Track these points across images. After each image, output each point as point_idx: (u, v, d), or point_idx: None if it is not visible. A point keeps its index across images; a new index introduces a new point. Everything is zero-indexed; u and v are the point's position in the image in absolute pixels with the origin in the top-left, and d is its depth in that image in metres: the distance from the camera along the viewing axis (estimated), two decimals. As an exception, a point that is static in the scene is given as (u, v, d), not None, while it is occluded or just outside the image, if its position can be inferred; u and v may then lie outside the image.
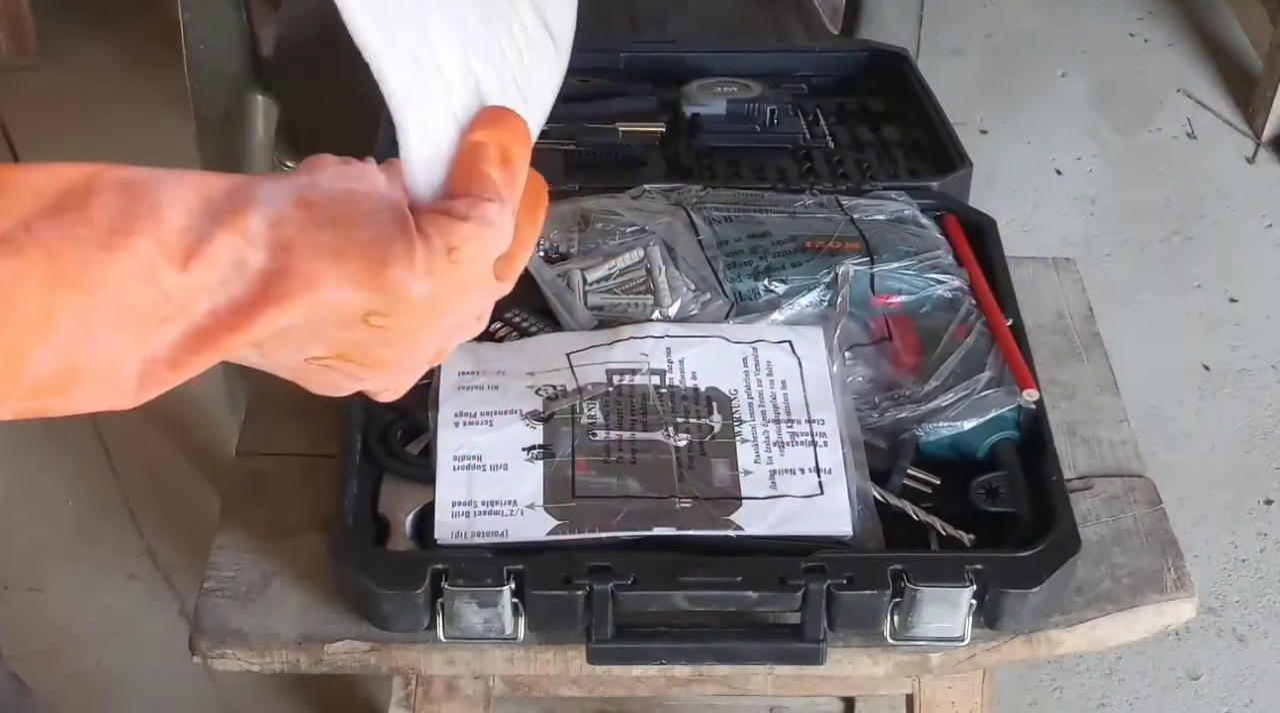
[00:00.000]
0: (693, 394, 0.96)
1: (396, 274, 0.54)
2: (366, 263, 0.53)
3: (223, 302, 0.52)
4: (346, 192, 0.55)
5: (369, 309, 0.54)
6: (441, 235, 0.55)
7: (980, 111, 2.50)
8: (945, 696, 1.14)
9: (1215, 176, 2.45)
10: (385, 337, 0.56)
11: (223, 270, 0.52)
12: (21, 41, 2.54)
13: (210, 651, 0.89)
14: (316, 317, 0.54)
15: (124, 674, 1.66)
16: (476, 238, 0.56)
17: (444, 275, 0.55)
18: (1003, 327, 1.02)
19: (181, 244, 0.51)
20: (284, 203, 0.53)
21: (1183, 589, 0.94)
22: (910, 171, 1.22)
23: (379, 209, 0.55)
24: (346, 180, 0.56)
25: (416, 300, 0.55)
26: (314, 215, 0.53)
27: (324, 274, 0.53)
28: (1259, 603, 1.81)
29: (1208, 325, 2.18)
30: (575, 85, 1.31)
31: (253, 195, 0.53)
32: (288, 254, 0.52)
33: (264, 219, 0.52)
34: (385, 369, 0.59)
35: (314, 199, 0.54)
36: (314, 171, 0.56)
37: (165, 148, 2.24)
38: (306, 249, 0.53)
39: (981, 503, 0.93)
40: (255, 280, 0.52)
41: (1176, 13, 2.80)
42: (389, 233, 0.54)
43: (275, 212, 0.53)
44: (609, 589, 0.85)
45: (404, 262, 0.54)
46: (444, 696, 1.07)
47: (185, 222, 0.51)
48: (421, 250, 0.54)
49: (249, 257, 0.52)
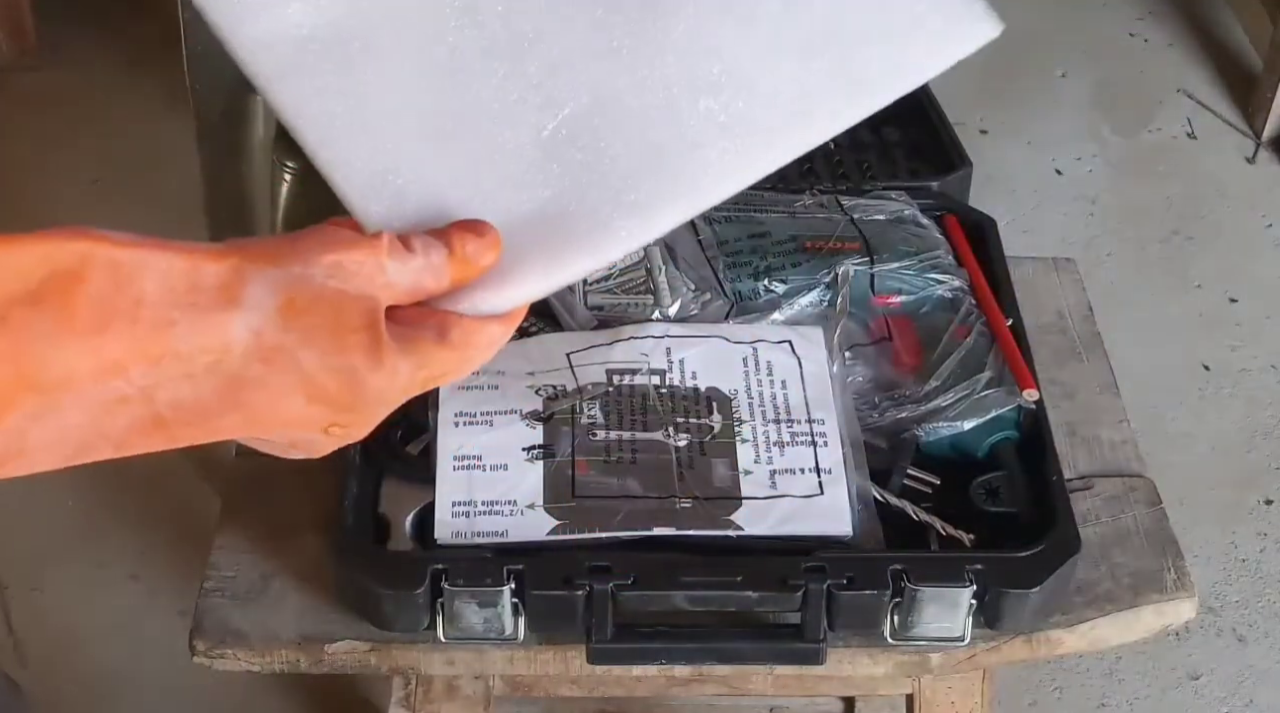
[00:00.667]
0: (693, 394, 0.96)
1: (366, 401, 0.53)
2: (339, 390, 0.53)
3: (187, 398, 0.51)
4: (336, 297, 0.53)
5: (331, 424, 0.54)
6: (419, 361, 0.54)
7: (980, 111, 2.50)
8: (945, 696, 1.14)
9: (1215, 177, 2.45)
10: (340, 437, 0.56)
11: (194, 368, 0.50)
12: (21, 41, 2.54)
13: (210, 651, 0.89)
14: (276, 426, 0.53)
15: (124, 674, 1.66)
16: (454, 367, 0.56)
17: (409, 393, 0.55)
18: (1003, 327, 1.02)
19: (157, 341, 0.50)
20: (270, 308, 0.51)
21: (1183, 589, 0.94)
22: (910, 172, 1.22)
23: (363, 326, 0.53)
24: (340, 278, 0.53)
25: (378, 412, 0.55)
26: (297, 328, 0.52)
27: (295, 394, 0.52)
28: (1259, 603, 1.81)
29: (1208, 325, 2.18)
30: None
31: (242, 295, 0.51)
32: (263, 367, 0.51)
33: (247, 327, 0.51)
34: (328, 451, 0.58)
35: (301, 305, 0.52)
36: (312, 258, 0.53)
37: (165, 148, 2.24)
38: (283, 366, 0.52)
39: (981, 503, 0.93)
40: (225, 386, 0.51)
41: (1176, 13, 2.80)
42: (367, 360, 0.53)
43: (260, 319, 0.51)
44: (609, 589, 0.85)
45: (376, 391, 0.53)
46: (444, 696, 1.07)
47: (167, 315, 0.50)
48: (397, 379, 0.54)
49: (224, 361, 0.51)
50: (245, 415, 0.52)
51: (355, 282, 0.53)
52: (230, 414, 0.52)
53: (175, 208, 2.15)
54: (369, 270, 0.54)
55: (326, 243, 0.54)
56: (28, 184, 2.33)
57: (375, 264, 0.54)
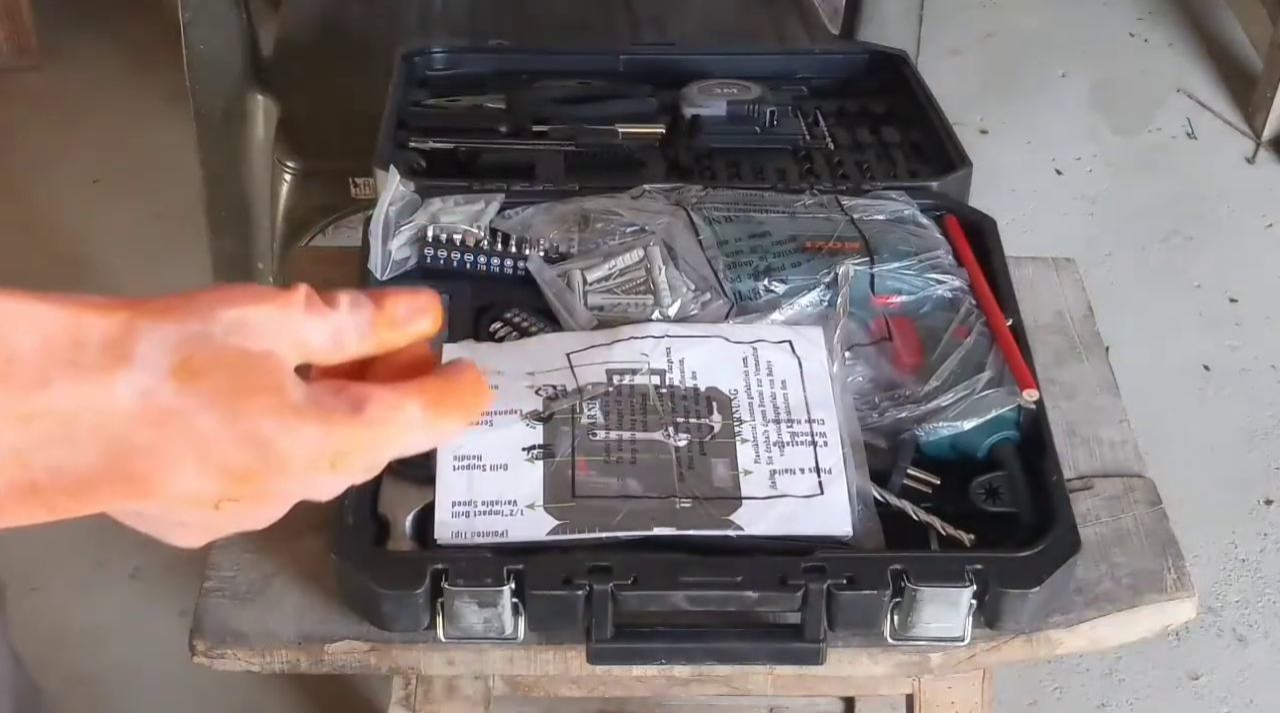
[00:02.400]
0: (693, 394, 0.96)
1: (267, 470, 0.49)
2: (238, 458, 0.48)
3: (65, 464, 0.46)
4: (238, 356, 0.49)
5: (223, 498, 0.49)
6: (328, 431, 0.50)
7: (980, 111, 2.51)
8: (945, 696, 1.14)
9: (1215, 177, 2.45)
10: (230, 515, 0.50)
11: (75, 432, 0.46)
12: (21, 41, 2.54)
13: (210, 651, 0.89)
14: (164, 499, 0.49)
15: (124, 674, 1.66)
16: (366, 445, 0.51)
17: (317, 475, 0.50)
18: (1003, 327, 1.02)
19: (29, 401, 0.45)
20: (163, 367, 0.47)
21: (1183, 589, 0.94)
22: (910, 172, 1.22)
23: (268, 387, 0.49)
24: (244, 335, 0.49)
25: (277, 494, 0.50)
26: (194, 389, 0.47)
27: (188, 463, 0.47)
28: (1259, 603, 1.81)
29: (1208, 325, 2.18)
30: (576, 88, 1.31)
31: (131, 352, 0.47)
32: (153, 432, 0.47)
33: (135, 388, 0.47)
34: (216, 533, 0.53)
35: (198, 366, 0.48)
36: (213, 314, 0.49)
37: (165, 148, 2.24)
38: (176, 431, 0.47)
39: (981, 503, 0.93)
40: (109, 453, 0.47)
41: (1176, 13, 2.80)
42: (272, 423, 0.48)
43: (150, 380, 0.47)
44: (609, 589, 0.85)
45: (279, 459, 0.49)
46: (444, 696, 1.07)
47: (42, 372, 0.46)
48: (303, 448, 0.49)
49: (109, 425, 0.46)
50: (130, 486, 0.47)
51: (261, 339, 0.49)
52: (114, 484, 0.47)
53: (175, 208, 2.16)
54: (277, 326, 0.50)
55: (229, 297, 0.50)
56: (28, 184, 2.33)
57: (284, 319, 0.50)
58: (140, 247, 2.20)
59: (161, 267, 2.14)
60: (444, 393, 0.53)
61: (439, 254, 1.06)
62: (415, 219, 1.07)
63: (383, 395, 0.51)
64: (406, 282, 1.06)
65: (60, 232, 2.25)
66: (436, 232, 1.06)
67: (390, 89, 1.25)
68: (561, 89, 1.31)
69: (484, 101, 1.28)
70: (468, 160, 1.21)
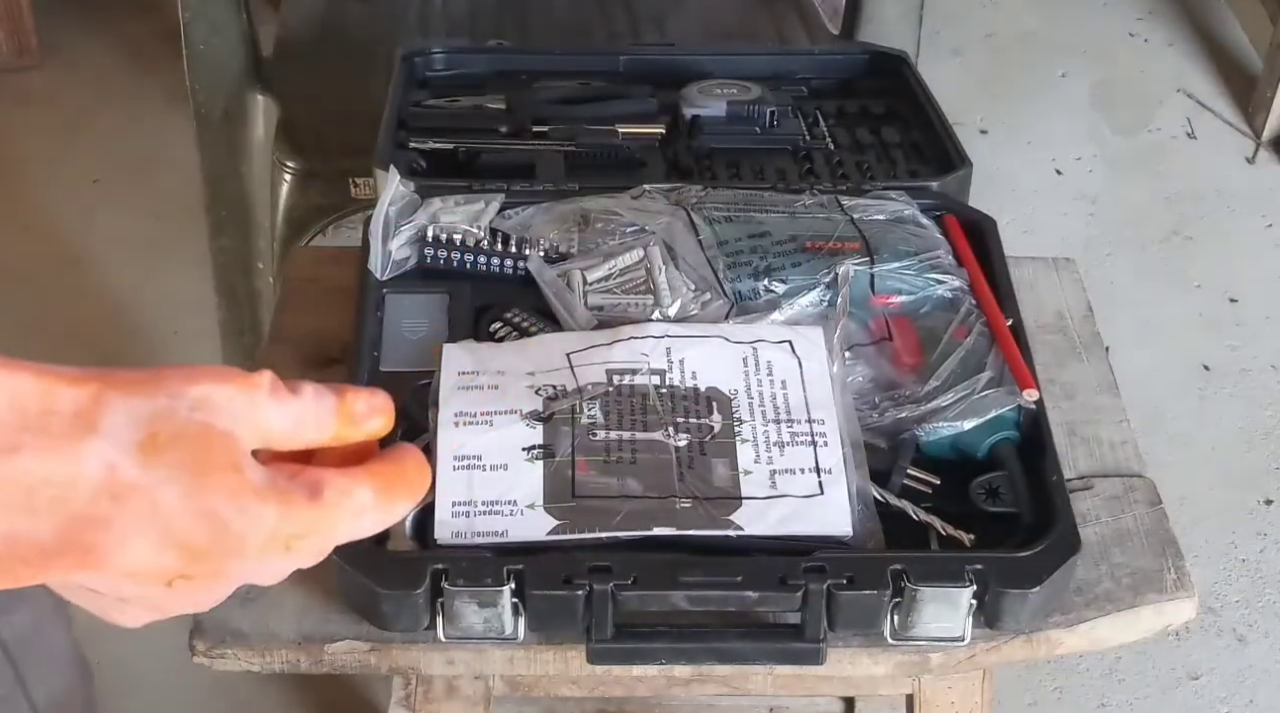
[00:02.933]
0: (693, 394, 0.96)
1: (223, 549, 0.49)
2: (195, 535, 0.49)
3: (23, 533, 0.46)
4: (201, 432, 0.49)
5: (177, 575, 0.50)
6: (286, 512, 0.50)
7: (980, 112, 2.51)
8: (945, 696, 1.14)
9: (1215, 177, 2.45)
10: (180, 594, 0.51)
11: (37, 501, 0.46)
12: (21, 41, 2.54)
13: (210, 651, 0.89)
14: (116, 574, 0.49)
15: (124, 674, 1.66)
16: (321, 528, 0.52)
17: (271, 557, 0.51)
18: (1003, 327, 1.02)
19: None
20: (129, 441, 0.48)
21: (1183, 589, 0.94)
22: (910, 172, 1.22)
23: (228, 466, 0.49)
24: (207, 411, 0.49)
25: (230, 573, 0.51)
26: (157, 464, 0.48)
27: (144, 537, 0.48)
28: (1259, 603, 1.81)
29: (1208, 325, 2.18)
30: (576, 88, 1.32)
31: (98, 423, 0.47)
32: (113, 505, 0.47)
33: (102, 459, 0.47)
34: (163, 613, 0.54)
35: (163, 440, 0.48)
36: (179, 389, 0.50)
37: (165, 148, 2.24)
38: (136, 506, 0.48)
39: (981, 503, 0.93)
40: (67, 524, 0.47)
41: (1176, 13, 2.80)
42: (230, 502, 0.49)
43: (116, 452, 0.47)
44: (609, 589, 0.85)
45: (236, 539, 0.49)
46: (444, 696, 1.07)
47: (13, 439, 0.46)
48: (259, 528, 0.50)
49: (70, 496, 0.47)
50: (85, 557, 0.47)
51: (223, 417, 0.50)
52: (69, 554, 0.47)
53: (175, 208, 2.16)
54: (239, 407, 0.50)
55: (196, 375, 0.50)
56: (28, 184, 2.33)
57: (247, 400, 0.51)
58: (140, 247, 2.20)
59: (161, 267, 2.14)
60: (393, 477, 0.55)
61: (439, 254, 1.06)
62: (415, 219, 1.07)
63: (337, 480, 0.53)
64: (406, 281, 1.07)
65: (60, 232, 2.25)
66: (436, 232, 1.06)
67: (390, 89, 1.25)
68: (561, 89, 1.31)
69: (484, 102, 1.28)
70: (468, 160, 1.21)
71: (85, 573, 0.49)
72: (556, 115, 1.26)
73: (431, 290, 1.06)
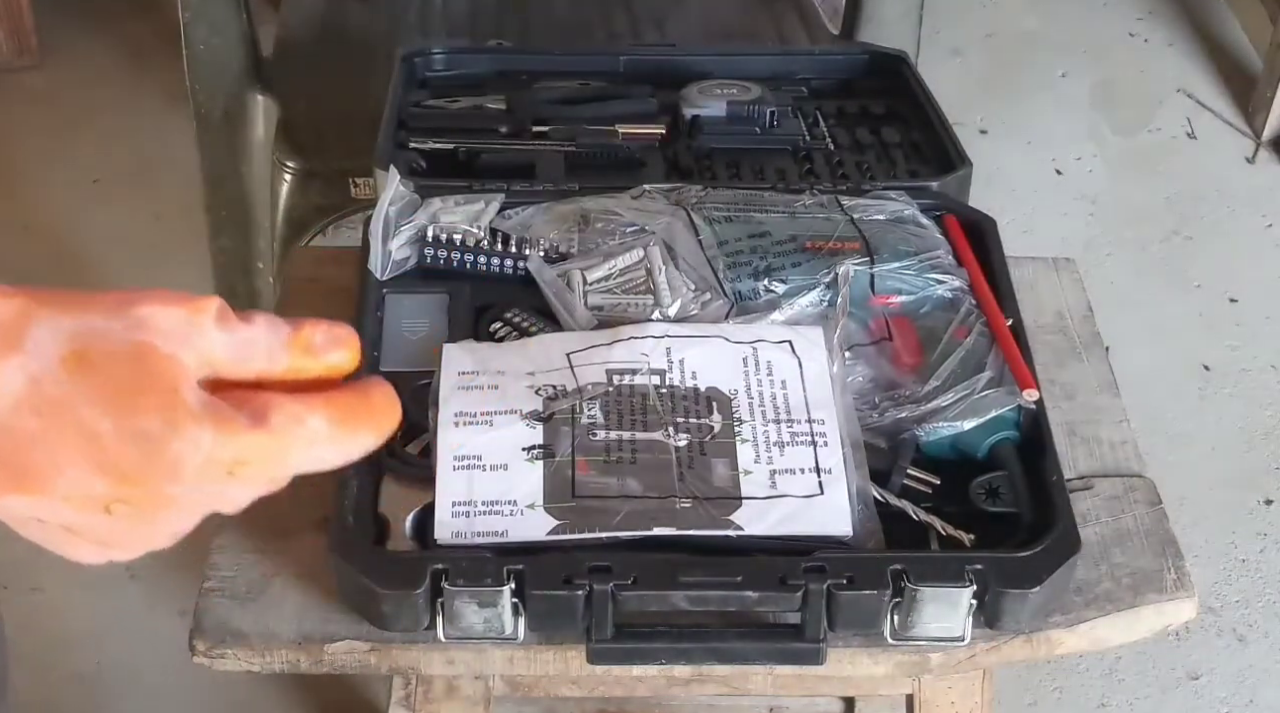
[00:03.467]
0: (693, 394, 0.96)
1: (157, 473, 0.48)
2: (126, 457, 0.47)
3: None
4: (136, 352, 0.48)
5: (115, 499, 0.48)
6: (226, 438, 0.49)
7: (980, 112, 2.51)
8: (945, 696, 1.14)
9: (1215, 177, 2.45)
10: (124, 522, 0.49)
11: None
12: (21, 41, 2.54)
13: (210, 651, 0.89)
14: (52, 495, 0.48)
15: (124, 674, 1.66)
16: (268, 456, 0.50)
17: (213, 483, 0.49)
18: (1003, 327, 1.02)
19: None
20: (53, 356, 0.46)
21: (1183, 589, 0.94)
22: (910, 172, 1.22)
23: (164, 388, 0.48)
24: (147, 333, 0.48)
25: (172, 501, 0.49)
26: (85, 381, 0.47)
27: (75, 457, 0.47)
28: (1259, 603, 1.81)
29: (1208, 325, 2.18)
30: (575, 88, 1.32)
31: (22, 339, 0.46)
32: (37, 421, 0.46)
33: (23, 374, 0.46)
34: (115, 546, 0.52)
35: (92, 358, 0.47)
36: (119, 310, 0.48)
37: (165, 148, 2.24)
38: (63, 423, 0.46)
39: (981, 503, 0.93)
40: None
41: (1176, 13, 2.80)
42: (163, 424, 0.47)
43: (40, 366, 0.46)
44: (609, 589, 0.85)
45: (170, 463, 0.47)
46: (444, 696, 1.07)
47: None
48: (196, 453, 0.48)
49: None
50: (16, 478, 0.47)
51: (164, 340, 0.48)
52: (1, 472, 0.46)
53: (175, 208, 2.16)
54: (183, 330, 0.49)
55: (139, 296, 0.49)
56: (28, 184, 2.33)
57: (192, 325, 0.49)
58: (140, 247, 2.20)
59: (161, 267, 2.14)
60: (353, 408, 0.53)
61: (439, 254, 1.06)
62: (415, 219, 1.07)
63: (286, 405, 0.50)
64: (406, 281, 1.07)
65: (60, 232, 2.25)
66: (436, 232, 1.06)
67: (390, 89, 1.25)
68: (561, 89, 1.31)
69: (484, 102, 1.28)
70: (468, 160, 1.21)
71: (24, 498, 0.48)
72: (556, 115, 1.26)
73: (431, 290, 1.06)
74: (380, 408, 0.54)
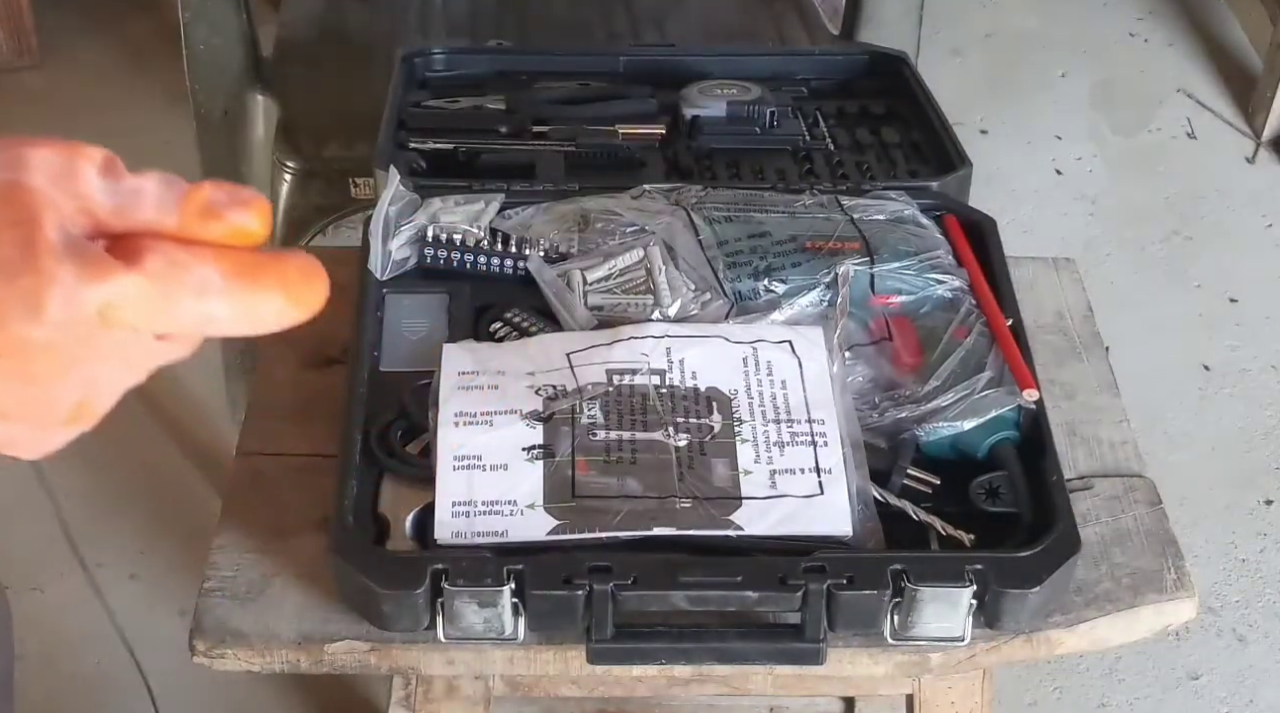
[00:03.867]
0: (693, 394, 0.96)
1: (14, 319, 0.44)
2: None
3: None
4: (2, 188, 0.45)
5: None
6: (94, 277, 0.44)
7: (980, 111, 2.51)
8: (945, 696, 1.14)
9: (1215, 177, 2.45)
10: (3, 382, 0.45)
11: None
12: (21, 41, 2.54)
13: (210, 651, 0.89)
14: None
15: (124, 674, 1.66)
16: (147, 301, 0.46)
17: (81, 330, 0.45)
18: (1003, 327, 1.02)
19: None
20: None
21: (1183, 589, 0.94)
22: (910, 172, 1.22)
23: (24, 221, 0.44)
24: (17, 171, 0.45)
25: (42, 347, 0.44)
26: None
27: None
28: (1259, 603, 1.81)
29: (1208, 325, 2.18)
30: (575, 88, 1.32)
31: None
32: None
33: None
34: (9, 419, 0.47)
35: None
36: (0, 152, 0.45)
37: (165, 148, 2.24)
38: None
39: (981, 503, 0.93)
40: None
41: (1176, 13, 2.80)
42: (20, 257, 0.43)
43: None
44: (609, 589, 0.85)
45: (26, 305, 0.43)
46: (444, 696, 1.07)
47: None
48: (55, 297, 0.44)
49: None
50: None
51: (36, 178, 0.45)
52: None
53: (175, 208, 2.16)
54: (60, 172, 0.46)
55: (26, 141, 0.46)
56: (28, 184, 2.33)
57: (70, 169, 0.46)
58: (140, 247, 2.20)
59: (161, 267, 2.14)
60: (256, 265, 0.48)
61: (439, 254, 1.06)
62: (415, 219, 1.07)
63: (168, 250, 0.46)
64: (407, 281, 1.07)
65: (60, 232, 2.24)
66: (436, 232, 1.06)
67: (390, 89, 1.25)
68: (561, 90, 1.31)
69: (484, 102, 1.28)
70: (468, 160, 1.21)
71: None
72: (556, 115, 1.26)
73: (431, 290, 1.06)
74: (298, 272, 0.49)
